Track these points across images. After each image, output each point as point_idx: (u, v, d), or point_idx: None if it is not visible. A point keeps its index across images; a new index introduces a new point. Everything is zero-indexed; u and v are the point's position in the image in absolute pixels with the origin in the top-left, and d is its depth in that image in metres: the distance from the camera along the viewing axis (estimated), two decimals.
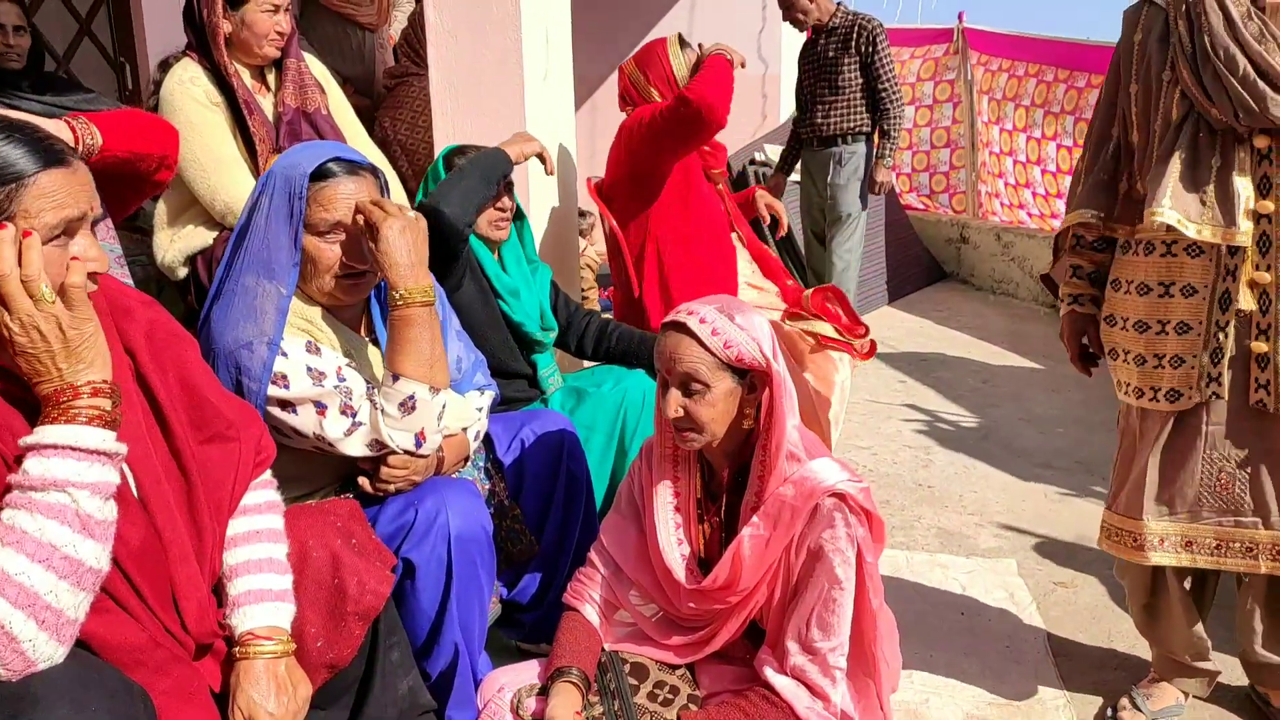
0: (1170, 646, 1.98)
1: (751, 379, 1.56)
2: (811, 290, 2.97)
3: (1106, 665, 2.22)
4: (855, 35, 4.26)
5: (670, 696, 1.63)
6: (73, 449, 1.08)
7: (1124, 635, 2.31)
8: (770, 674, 1.55)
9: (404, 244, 1.64)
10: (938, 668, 2.19)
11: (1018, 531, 2.88)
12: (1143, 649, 2.16)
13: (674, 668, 1.69)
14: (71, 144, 1.32)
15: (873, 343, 2.90)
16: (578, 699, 1.56)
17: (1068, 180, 5.60)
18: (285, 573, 1.41)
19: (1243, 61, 1.60)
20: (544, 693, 1.59)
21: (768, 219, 3.48)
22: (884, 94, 4.27)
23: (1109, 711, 2.02)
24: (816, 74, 4.39)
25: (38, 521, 1.05)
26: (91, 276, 1.17)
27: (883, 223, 5.96)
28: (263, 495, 1.47)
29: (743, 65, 2.94)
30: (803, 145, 4.57)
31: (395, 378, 1.65)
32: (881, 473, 3.31)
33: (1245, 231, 1.67)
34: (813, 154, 4.51)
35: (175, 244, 2.52)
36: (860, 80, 4.28)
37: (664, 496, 1.67)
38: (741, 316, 1.55)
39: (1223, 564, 1.80)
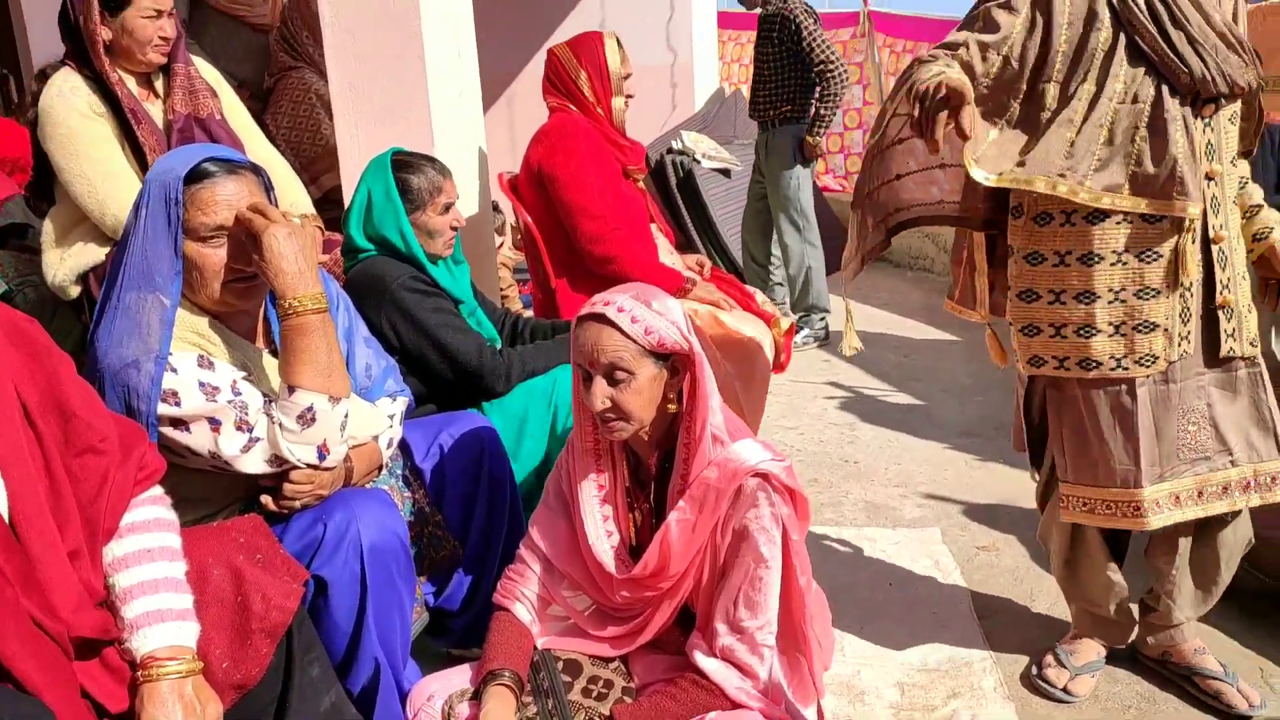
0: (1091, 596, 2.04)
1: (673, 362, 1.56)
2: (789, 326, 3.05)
3: (1030, 624, 2.28)
4: (779, 26, 4.33)
5: (604, 690, 1.63)
6: None
7: (1046, 594, 2.38)
8: (699, 658, 1.55)
9: (290, 250, 1.58)
10: (869, 639, 2.23)
11: (941, 500, 2.95)
12: (1064, 607, 2.23)
13: (607, 661, 1.68)
14: None
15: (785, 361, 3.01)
16: (512, 701, 1.54)
17: None
18: (185, 591, 1.36)
19: (1210, 31, 1.66)
20: (476, 697, 1.57)
21: None
22: (817, 73, 4.31)
23: (1034, 669, 2.09)
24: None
25: None
26: None
27: None
28: (151, 512, 1.41)
29: (724, 307, 2.91)
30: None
31: (291, 389, 1.60)
32: (809, 451, 3.36)
33: (1195, 200, 1.70)
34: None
35: (65, 262, 2.41)
36: (789, 68, 4.35)
37: (589, 491, 1.66)
38: (657, 302, 1.56)
39: (1209, 509, 1.85)
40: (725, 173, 5.61)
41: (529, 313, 3.17)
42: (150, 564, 1.35)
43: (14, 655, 1.12)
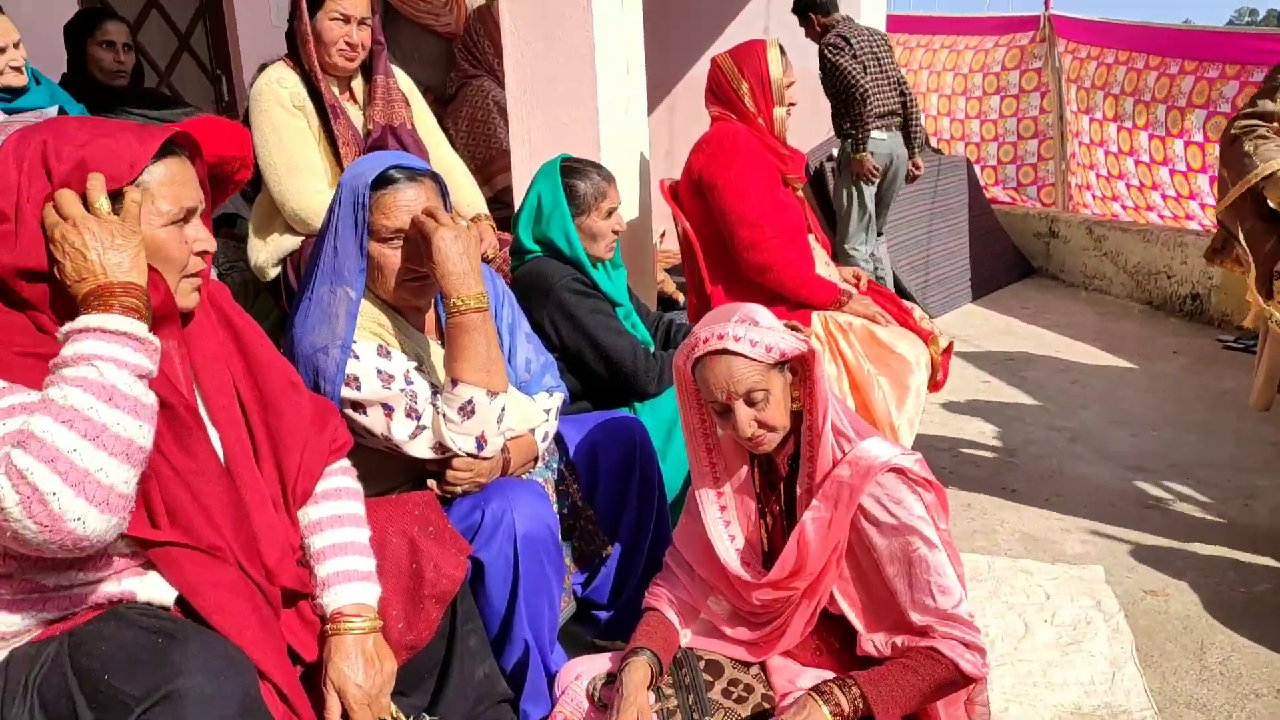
0: None
1: (792, 365, 1.61)
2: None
3: (1199, 678, 2.13)
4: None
5: (744, 695, 1.65)
6: (102, 330, 1.13)
7: (1218, 647, 2.22)
8: (927, 643, 1.56)
9: (455, 252, 1.69)
10: (1020, 675, 2.14)
11: (1106, 537, 2.78)
12: (1238, 660, 2.07)
13: (748, 666, 1.71)
14: None
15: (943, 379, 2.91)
16: (649, 673, 1.59)
17: (1163, 172, 5.38)
18: (369, 555, 1.48)
19: None
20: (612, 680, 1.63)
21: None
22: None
23: None
24: None
25: (63, 390, 1.09)
26: (202, 255, 1.31)
27: (966, 217, 5.82)
28: (340, 481, 1.55)
29: (880, 321, 2.85)
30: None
31: (454, 383, 1.70)
32: (962, 475, 3.24)
33: None
34: None
35: (267, 246, 2.63)
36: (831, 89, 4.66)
37: (712, 513, 1.71)
38: (759, 315, 1.60)
39: None
40: None
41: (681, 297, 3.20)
42: (341, 529, 1.48)
43: (229, 609, 1.26)
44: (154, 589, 1.25)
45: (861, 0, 5.72)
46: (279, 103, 2.52)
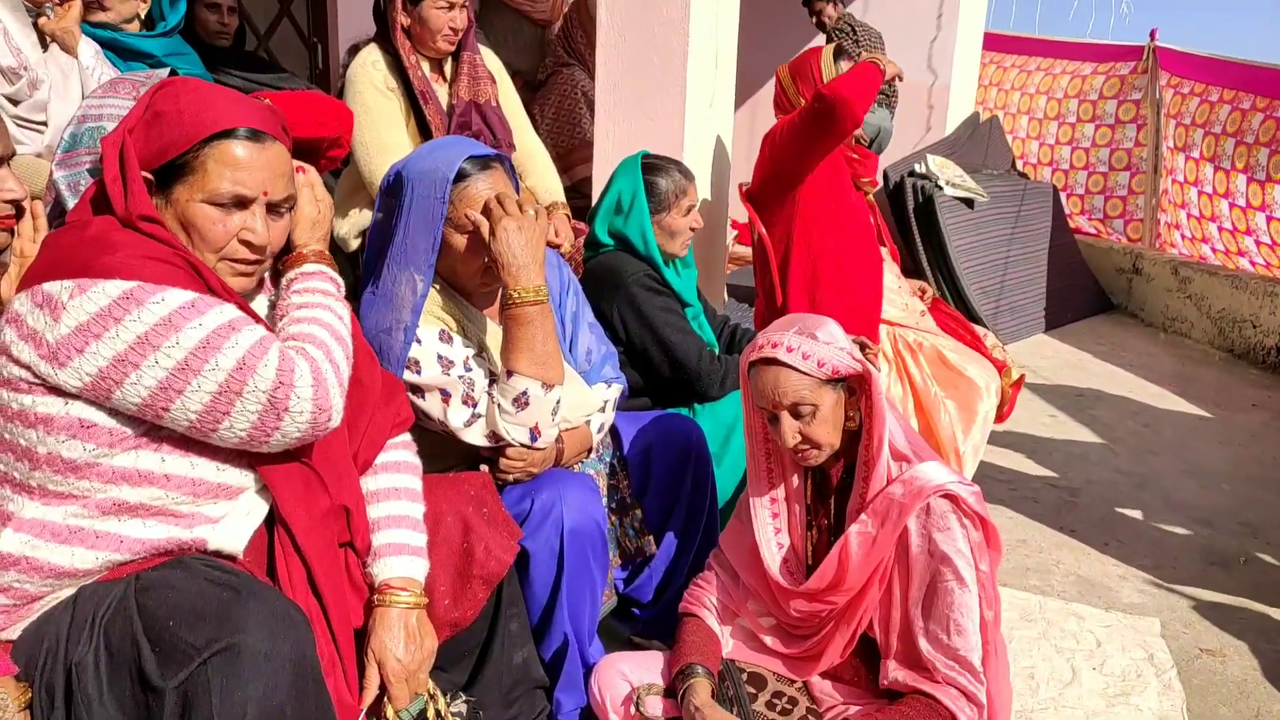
0: None
1: (849, 383, 1.60)
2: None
3: None
4: None
5: (789, 707, 1.66)
6: (324, 274, 1.44)
7: (1274, 716, 2.13)
8: (929, 688, 1.53)
9: (518, 243, 1.67)
10: None
11: (1166, 589, 2.69)
12: None
13: (791, 680, 1.71)
14: None
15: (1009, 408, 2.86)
16: (710, 690, 1.60)
17: (1259, 218, 5.18)
18: (421, 531, 1.51)
19: None
20: (669, 695, 1.63)
21: None
22: None
23: None
24: None
25: (320, 314, 1.37)
26: (248, 245, 1.33)
27: (1047, 245, 5.67)
28: (401, 455, 1.57)
29: (898, 78, 2.87)
30: None
31: (510, 374, 1.70)
32: (1019, 510, 3.16)
33: None
34: None
35: (350, 218, 2.70)
36: None
37: (763, 515, 1.72)
38: (821, 331, 1.59)
39: None
40: (968, 203, 5.36)
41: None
42: (396, 501, 1.50)
43: (315, 534, 1.31)
44: (224, 538, 1.29)
45: (960, 19, 5.62)
46: (373, 85, 2.58)
